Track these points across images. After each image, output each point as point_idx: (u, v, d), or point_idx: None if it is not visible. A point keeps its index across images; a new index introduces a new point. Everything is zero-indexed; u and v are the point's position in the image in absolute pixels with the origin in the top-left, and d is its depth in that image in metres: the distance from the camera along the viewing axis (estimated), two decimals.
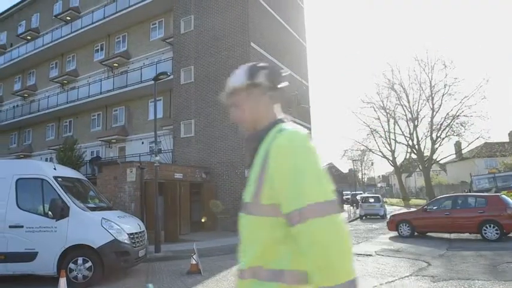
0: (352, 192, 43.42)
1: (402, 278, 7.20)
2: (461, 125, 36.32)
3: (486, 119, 40.91)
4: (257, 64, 1.35)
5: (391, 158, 43.74)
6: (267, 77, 1.31)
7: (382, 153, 44.19)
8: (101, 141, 24.33)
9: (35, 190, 7.49)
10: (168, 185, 14.68)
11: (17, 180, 7.52)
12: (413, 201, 40.25)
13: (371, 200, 25.12)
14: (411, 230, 13.31)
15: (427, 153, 39.54)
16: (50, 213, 7.11)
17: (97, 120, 25.92)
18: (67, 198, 7.37)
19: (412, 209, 16.52)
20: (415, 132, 39.76)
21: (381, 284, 6.82)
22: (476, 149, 42.91)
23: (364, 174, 77.89)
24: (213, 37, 18.79)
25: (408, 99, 39.99)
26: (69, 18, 28.00)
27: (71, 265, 6.98)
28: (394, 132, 42.23)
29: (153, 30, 23.41)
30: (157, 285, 6.92)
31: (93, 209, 7.99)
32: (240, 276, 1.22)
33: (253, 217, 1.18)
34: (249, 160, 1.30)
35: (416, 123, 39.54)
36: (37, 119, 28.72)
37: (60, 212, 7.10)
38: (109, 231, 7.25)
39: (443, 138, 38.07)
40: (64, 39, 26.87)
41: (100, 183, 14.54)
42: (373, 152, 46.21)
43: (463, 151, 41.99)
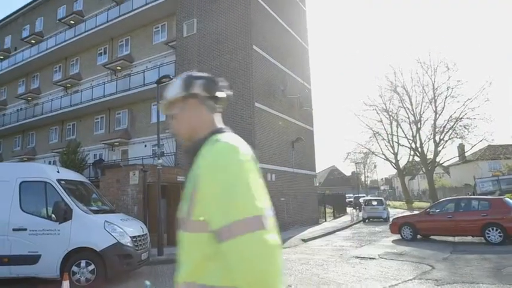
0: (355, 195, 43.33)
1: (406, 281, 7.16)
2: (465, 127, 36.23)
3: (489, 121, 40.77)
4: (192, 74, 1.33)
5: (394, 160, 43.67)
6: (202, 87, 1.29)
7: (385, 156, 44.14)
8: (104, 144, 24.40)
9: (39, 193, 7.51)
10: (170, 188, 14.67)
11: (21, 183, 7.55)
12: (416, 204, 40.08)
13: (374, 202, 25.05)
14: (413, 233, 13.24)
15: (430, 155, 39.42)
16: (53, 216, 7.13)
17: (100, 124, 26.02)
18: (70, 201, 7.39)
19: (415, 212, 16.42)
20: (418, 134, 39.69)
21: (384, 287, 6.79)
22: (479, 151, 42.77)
23: (367, 177, 77.84)
24: (215, 40, 18.85)
25: (411, 102, 39.95)
26: (73, 22, 28.20)
27: (74, 268, 6.99)
28: (397, 135, 42.19)
29: (156, 34, 23.53)
30: None
31: (96, 212, 8.00)
32: None
33: (187, 233, 1.16)
34: (185, 173, 1.28)
35: (419, 125, 39.45)
36: (41, 122, 28.86)
37: (64, 214, 7.11)
38: (112, 234, 7.26)
39: (447, 141, 37.97)
40: (68, 42, 27.06)
41: (103, 186, 14.57)
42: (376, 154, 46.18)
43: (467, 154, 41.84)
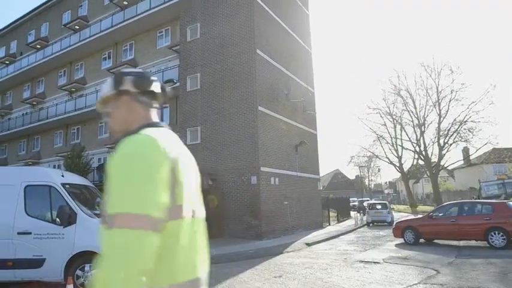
0: (359, 199, 43.20)
1: (411, 286, 7.11)
2: (469, 130, 36.08)
3: (494, 124, 40.76)
4: (123, 71, 1.35)
5: (398, 164, 43.48)
6: (132, 83, 1.30)
7: (388, 160, 43.97)
8: (108, 148, 24.50)
9: (43, 197, 7.54)
10: None
11: (26, 187, 7.59)
12: (420, 207, 39.83)
13: (378, 206, 24.94)
14: (416, 237, 13.23)
15: (434, 159, 39.26)
16: (57, 220, 7.15)
17: (104, 128, 26.13)
18: (74, 205, 7.42)
19: (419, 216, 16.39)
20: (422, 138, 39.54)
21: None
22: (484, 154, 42.53)
23: (371, 180, 77.46)
24: (219, 44, 18.93)
25: (415, 105, 39.86)
26: (78, 27, 28.45)
27: (78, 272, 6.99)
28: (401, 138, 42.06)
29: (159, 38, 23.68)
30: None
31: (100, 216, 8.00)
32: None
33: (103, 227, 1.17)
34: None
35: (423, 129, 39.32)
36: (45, 127, 29.06)
37: (68, 218, 7.13)
38: None
39: (451, 144, 37.82)
40: (72, 47, 27.28)
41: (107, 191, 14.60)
42: (379, 158, 46.03)
43: (471, 157, 41.60)
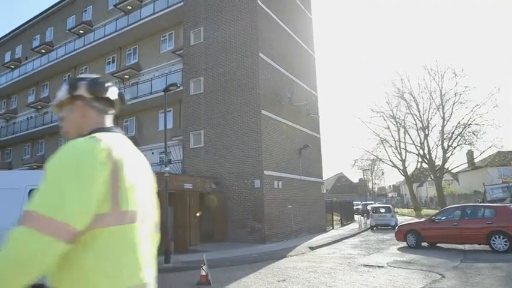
0: (363, 202, 43.07)
1: None
2: (473, 133, 35.93)
3: (498, 127, 40.46)
4: (78, 77, 1.37)
5: (401, 167, 43.33)
6: (86, 88, 1.33)
7: (392, 163, 43.84)
8: None
9: None
10: (178, 196, 14.73)
11: (30, 191, 7.63)
12: (425, 211, 39.61)
13: (382, 210, 24.84)
14: (418, 240, 13.25)
15: (438, 162, 39.09)
16: None
17: None
18: None
19: (423, 219, 16.39)
20: (426, 141, 39.42)
21: None
22: (489, 158, 42.28)
23: (375, 184, 77.20)
24: (222, 48, 19.01)
25: (418, 108, 39.78)
26: (82, 32, 28.66)
27: None
28: (405, 142, 41.95)
29: (163, 43, 23.81)
30: None
31: None
32: None
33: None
34: None
35: (427, 132, 39.20)
36: (50, 130, 29.20)
37: None
38: None
39: (455, 147, 37.67)
40: (77, 52, 27.50)
41: None
42: (383, 161, 45.89)
43: (476, 160, 41.43)
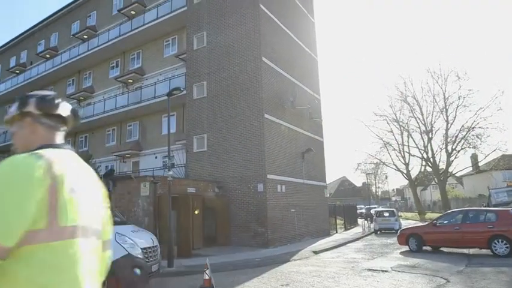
0: (366, 206, 42.86)
1: None
2: (477, 137, 35.79)
3: (503, 130, 40.34)
4: (28, 94, 1.39)
5: (405, 171, 43.17)
6: (35, 105, 1.34)
7: (396, 167, 43.68)
8: (116, 156, 24.69)
9: None
10: (181, 200, 14.73)
11: None
12: (429, 215, 39.34)
13: (386, 214, 24.73)
14: (420, 244, 13.29)
15: (442, 166, 38.94)
16: None
17: (112, 136, 26.38)
18: None
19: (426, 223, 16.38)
20: (429, 144, 39.28)
21: None
22: (493, 161, 42.05)
23: (378, 187, 76.82)
24: (225, 53, 19.09)
25: (422, 112, 39.68)
26: (86, 37, 28.88)
27: None
28: (408, 145, 41.83)
29: (166, 47, 23.94)
30: None
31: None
32: None
33: None
34: None
35: (430, 135, 39.08)
36: None
37: None
38: (123, 245, 7.29)
39: (459, 151, 37.51)
40: (81, 57, 27.69)
41: (114, 198, 14.66)
42: (386, 165, 45.75)
43: (480, 164, 41.16)
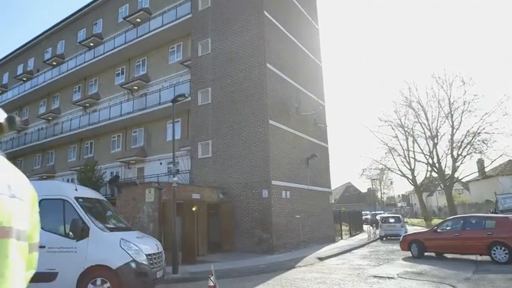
0: (372, 212, 42.58)
1: None
2: (483, 142, 35.52)
3: (509, 135, 39.88)
4: None
5: (410, 176, 42.86)
6: None
7: (401, 172, 43.40)
8: (121, 162, 24.79)
9: (57, 211, 7.61)
10: (186, 206, 14.74)
11: (40, 201, 7.65)
12: (435, 221, 38.94)
13: (391, 220, 24.54)
14: (421, 249, 13.46)
15: (448, 171, 38.62)
16: (70, 233, 7.22)
17: (117, 142, 26.51)
18: (87, 218, 7.49)
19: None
20: (435, 150, 39.00)
21: None
22: (500, 166, 41.61)
23: (384, 193, 76.46)
24: (229, 59, 19.19)
25: (427, 117, 39.50)
26: (92, 44, 29.20)
27: (90, 286, 7.01)
28: (413, 151, 41.57)
29: (171, 54, 24.12)
30: None
31: (112, 230, 8.05)
32: None
33: None
34: None
35: (436, 141, 38.83)
36: (60, 141, 29.62)
37: (81, 232, 7.20)
38: (128, 252, 7.29)
39: (465, 156, 37.22)
40: (87, 64, 27.99)
41: (119, 204, 14.73)
42: (392, 170, 45.53)
43: (486, 169, 40.77)
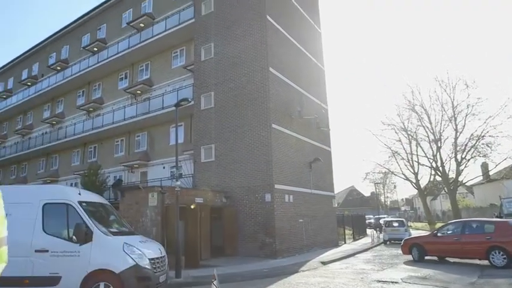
0: (375, 216, 42.39)
1: None
2: (487, 145, 35.31)
3: None
4: None
5: (414, 180, 42.68)
6: None
7: (405, 176, 43.24)
8: (124, 166, 24.85)
9: (61, 215, 7.62)
10: (188, 210, 14.74)
11: (44, 205, 7.72)
12: (439, 225, 38.69)
13: (395, 224, 24.42)
14: (421, 253, 13.64)
15: (452, 175, 38.39)
16: (74, 237, 7.23)
17: (120, 146, 26.61)
18: (91, 222, 7.49)
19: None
20: (438, 153, 38.84)
21: None
22: (504, 170, 41.34)
23: (387, 197, 76.10)
24: (232, 63, 19.25)
25: (430, 121, 39.36)
26: (96, 49, 29.39)
27: None
28: (417, 154, 41.41)
29: (174, 58, 24.23)
30: None
31: (115, 234, 8.03)
32: None
33: None
34: None
35: (439, 144, 38.66)
36: (64, 145, 29.75)
37: (84, 236, 7.21)
38: (131, 256, 7.28)
39: (469, 160, 37.00)
40: (91, 68, 28.16)
41: (122, 208, 14.77)
42: (395, 174, 45.31)
43: (491, 172, 40.53)
